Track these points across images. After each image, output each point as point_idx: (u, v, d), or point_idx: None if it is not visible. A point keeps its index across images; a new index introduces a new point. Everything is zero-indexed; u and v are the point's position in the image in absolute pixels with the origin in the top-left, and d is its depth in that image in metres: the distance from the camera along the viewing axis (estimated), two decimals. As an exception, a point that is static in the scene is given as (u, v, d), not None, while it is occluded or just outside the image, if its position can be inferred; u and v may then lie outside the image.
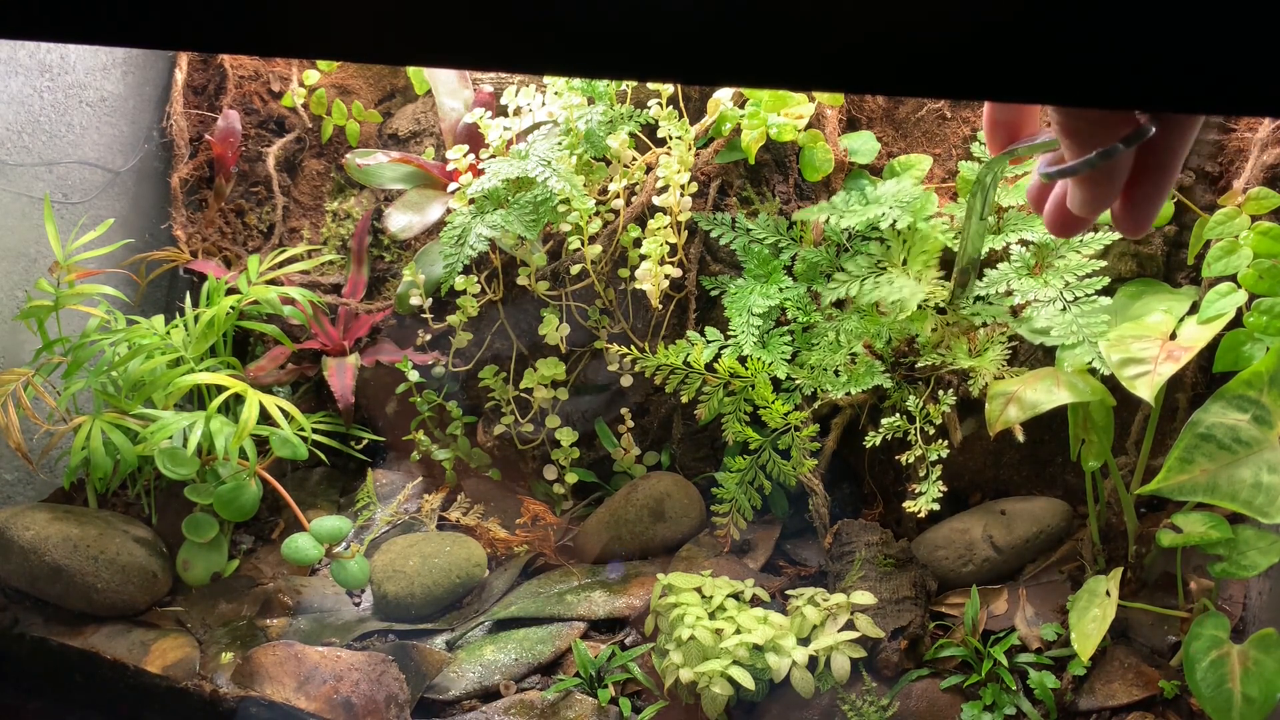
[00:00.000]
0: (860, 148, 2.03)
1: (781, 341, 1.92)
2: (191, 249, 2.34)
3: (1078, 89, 0.41)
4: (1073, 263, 1.74)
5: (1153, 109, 0.44)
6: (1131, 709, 1.64)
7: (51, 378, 2.06)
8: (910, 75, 0.38)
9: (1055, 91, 0.42)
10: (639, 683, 1.76)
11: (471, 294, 2.05)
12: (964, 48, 0.38)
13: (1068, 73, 0.40)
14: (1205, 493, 1.42)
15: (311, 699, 1.73)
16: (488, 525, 2.05)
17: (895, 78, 0.39)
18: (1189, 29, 0.38)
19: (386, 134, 2.38)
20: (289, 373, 2.23)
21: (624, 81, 1.97)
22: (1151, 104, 0.41)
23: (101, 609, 1.94)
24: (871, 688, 1.69)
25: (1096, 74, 0.40)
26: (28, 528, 1.94)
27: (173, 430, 1.93)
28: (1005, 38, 0.38)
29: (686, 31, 0.42)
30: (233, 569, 2.06)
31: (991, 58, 0.39)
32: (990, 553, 1.88)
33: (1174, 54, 0.39)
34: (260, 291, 2.11)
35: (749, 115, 1.93)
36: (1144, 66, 0.39)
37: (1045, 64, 0.39)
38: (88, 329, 2.08)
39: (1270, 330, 1.58)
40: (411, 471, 2.22)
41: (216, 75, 2.41)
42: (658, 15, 0.42)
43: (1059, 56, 0.39)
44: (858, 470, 2.05)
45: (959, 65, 0.39)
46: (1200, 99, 0.40)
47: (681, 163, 1.93)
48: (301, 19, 0.48)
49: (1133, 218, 0.62)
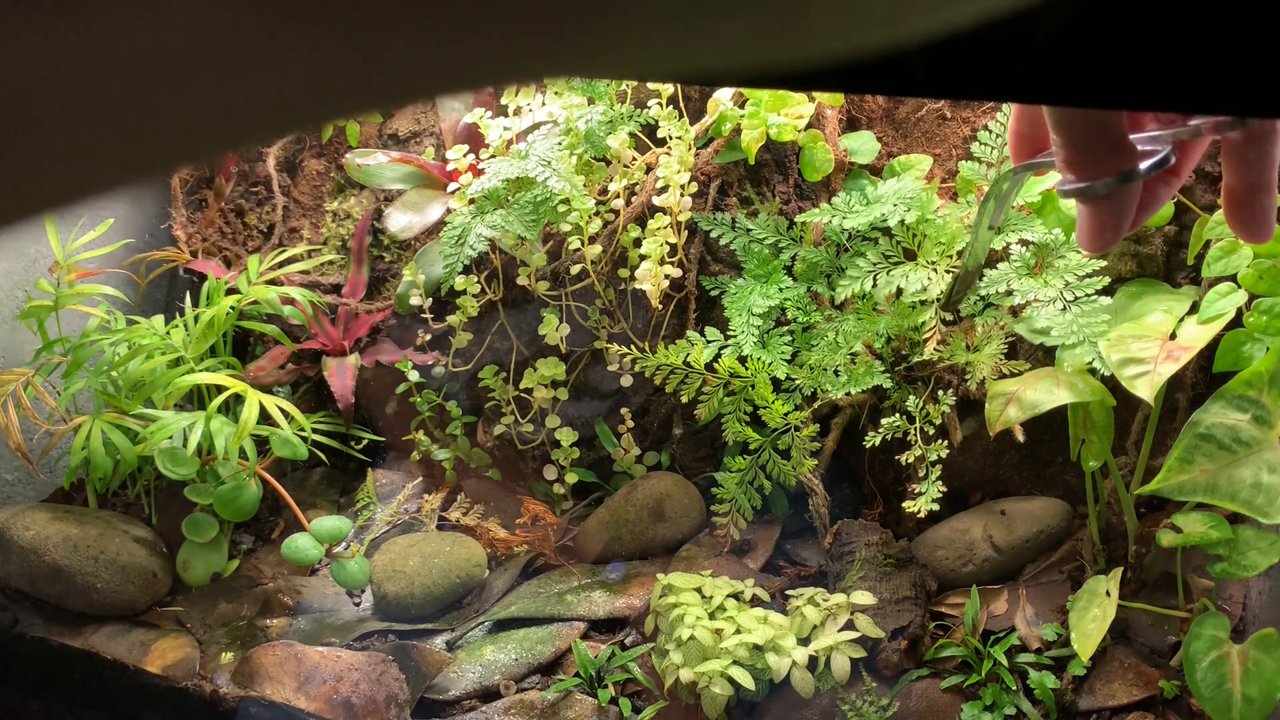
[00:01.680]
0: (860, 148, 2.03)
1: (781, 342, 1.92)
2: (191, 249, 2.34)
3: (1076, 89, 0.41)
4: (1072, 262, 1.74)
5: (1158, 109, 0.44)
6: (1131, 709, 1.64)
7: (51, 378, 2.06)
8: (910, 75, 0.38)
9: (1055, 91, 0.42)
10: (639, 683, 1.76)
11: (471, 294, 2.05)
12: (964, 47, 0.38)
13: (1067, 73, 0.40)
14: (1205, 493, 1.42)
15: (311, 699, 1.73)
16: (488, 525, 2.05)
17: (895, 77, 0.39)
18: (1196, 24, 0.38)
19: (386, 134, 2.38)
20: (289, 373, 2.23)
21: (624, 81, 1.97)
22: (1163, 104, 0.41)
23: (101, 609, 1.94)
24: (871, 688, 1.69)
25: (1095, 74, 0.40)
26: (28, 528, 1.94)
27: (173, 430, 1.93)
28: (1007, 38, 0.38)
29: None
30: (233, 569, 2.06)
31: (992, 57, 0.39)
32: (990, 553, 1.88)
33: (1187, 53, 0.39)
34: (260, 291, 2.11)
35: (749, 115, 1.93)
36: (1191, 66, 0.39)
37: (1046, 64, 0.40)
38: (88, 329, 2.08)
39: (1270, 330, 1.58)
40: (411, 471, 2.22)
41: (216, 75, 2.41)
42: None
43: (1058, 56, 0.39)
44: (858, 470, 2.05)
45: (959, 65, 0.39)
46: (1201, 99, 0.40)
47: (681, 163, 1.93)
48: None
49: (1248, 225, 0.60)
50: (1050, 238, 1.78)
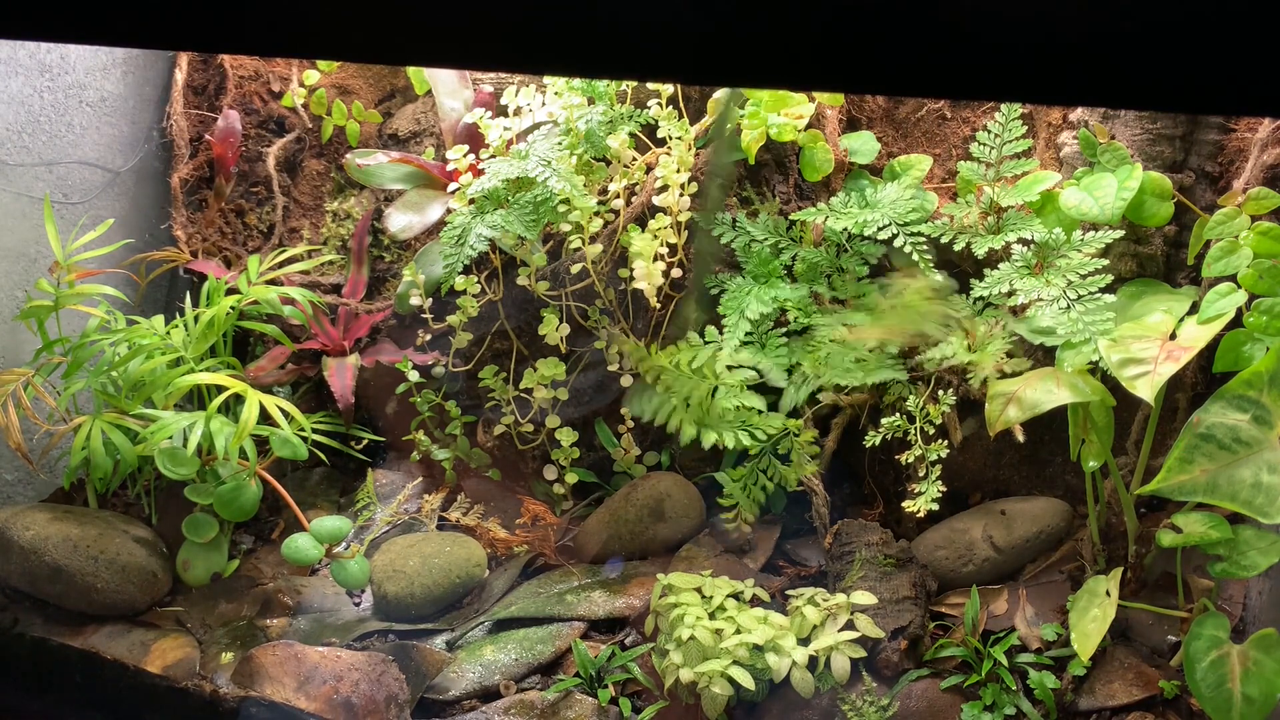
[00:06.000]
0: (860, 148, 2.03)
1: (779, 344, 1.92)
2: (191, 249, 2.33)
3: (1073, 89, 0.41)
4: (1074, 262, 1.74)
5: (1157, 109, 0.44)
6: (1131, 709, 1.64)
7: (51, 378, 2.06)
8: (912, 75, 0.38)
9: (1053, 92, 0.42)
10: (639, 683, 1.76)
11: (471, 294, 2.05)
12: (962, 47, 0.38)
13: (1064, 73, 0.40)
14: (1205, 493, 1.42)
15: (311, 699, 1.73)
16: (488, 525, 2.05)
17: (896, 78, 0.39)
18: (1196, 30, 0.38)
19: (386, 134, 2.38)
20: (289, 373, 2.23)
21: (624, 81, 1.97)
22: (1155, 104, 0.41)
23: (101, 609, 1.94)
24: (871, 688, 1.69)
25: (1090, 75, 0.40)
26: (28, 528, 1.94)
27: (173, 430, 1.93)
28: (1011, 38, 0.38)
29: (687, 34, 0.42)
30: (233, 569, 2.06)
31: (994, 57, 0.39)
32: (990, 553, 1.88)
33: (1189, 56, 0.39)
34: (260, 291, 2.11)
35: (749, 115, 1.93)
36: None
37: (1044, 65, 0.40)
38: (88, 329, 2.08)
39: (1270, 330, 1.58)
40: (411, 471, 2.22)
41: (216, 75, 2.41)
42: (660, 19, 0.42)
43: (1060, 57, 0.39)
44: (858, 470, 2.05)
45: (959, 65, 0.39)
46: (1198, 99, 0.40)
47: (681, 163, 1.93)
48: (302, 19, 0.48)
49: None
50: (1051, 237, 1.78)
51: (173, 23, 0.49)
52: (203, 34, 0.50)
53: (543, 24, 0.52)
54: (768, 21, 0.47)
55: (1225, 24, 0.38)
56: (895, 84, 0.39)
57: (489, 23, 0.53)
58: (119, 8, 0.49)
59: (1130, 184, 1.71)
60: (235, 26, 0.48)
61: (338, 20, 0.48)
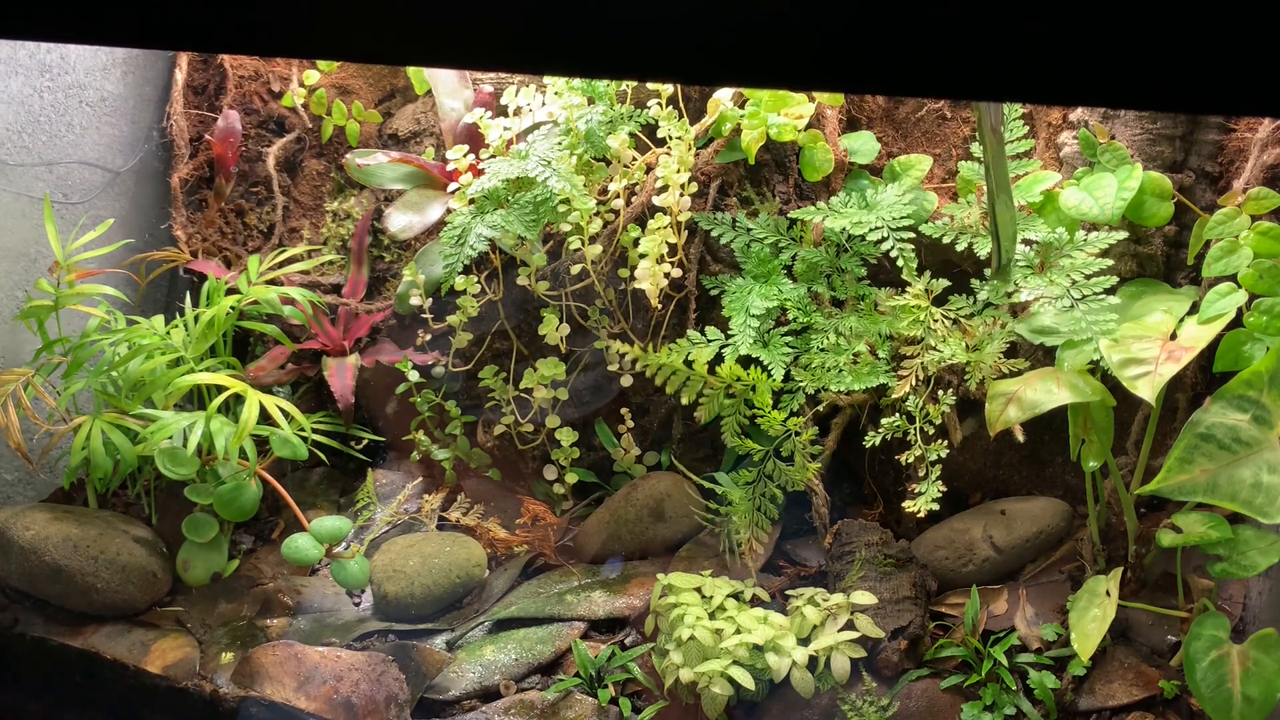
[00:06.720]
0: (860, 148, 2.03)
1: (782, 342, 1.92)
2: (191, 249, 2.33)
3: (1073, 89, 0.41)
4: (1078, 261, 1.75)
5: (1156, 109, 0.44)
6: (1131, 709, 1.64)
7: (51, 378, 2.06)
8: (912, 75, 0.38)
9: (1053, 92, 0.42)
10: (639, 683, 1.76)
11: (471, 294, 2.05)
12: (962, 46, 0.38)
13: (1064, 73, 0.40)
14: (1205, 493, 1.42)
15: (311, 699, 1.74)
16: (488, 525, 2.05)
17: (895, 77, 0.39)
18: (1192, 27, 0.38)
19: (386, 134, 2.38)
20: (289, 373, 2.23)
21: (624, 81, 1.97)
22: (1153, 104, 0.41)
23: (101, 609, 1.94)
24: (871, 688, 1.69)
25: (1087, 74, 0.40)
26: (28, 528, 1.94)
27: (173, 430, 1.93)
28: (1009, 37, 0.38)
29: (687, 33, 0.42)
30: (233, 569, 2.06)
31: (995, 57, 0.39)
32: (990, 553, 1.88)
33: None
34: (260, 291, 2.11)
35: (749, 115, 1.93)
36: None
37: (1045, 65, 0.40)
38: (88, 329, 2.08)
39: (1270, 330, 1.58)
40: (411, 471, 2.22)
41: (216, 75, 2.41)
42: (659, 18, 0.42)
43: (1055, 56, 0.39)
44: (858, 470, 2.05)
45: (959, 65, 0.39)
46: (1199, 98, 0.40)
47: (681, 163, 1.93)
48: (302, 19, 0.48)
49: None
50: (1054, 237, 1.78)
51: (173, 23, 0.49)
52: (203, 34, 0.50)
53: (543, 24, 0.52)
54: (768, 21, 0.47)
55: (1225, 23, 0.38)
56: (895, 84, 0.39)
57: (489, 23, 0.53)
58: (119, 8, 0.49)
59: (1130, 184, 1.71)
60: (235, 26, 0.48)
61: (338, 20, 0.49)
